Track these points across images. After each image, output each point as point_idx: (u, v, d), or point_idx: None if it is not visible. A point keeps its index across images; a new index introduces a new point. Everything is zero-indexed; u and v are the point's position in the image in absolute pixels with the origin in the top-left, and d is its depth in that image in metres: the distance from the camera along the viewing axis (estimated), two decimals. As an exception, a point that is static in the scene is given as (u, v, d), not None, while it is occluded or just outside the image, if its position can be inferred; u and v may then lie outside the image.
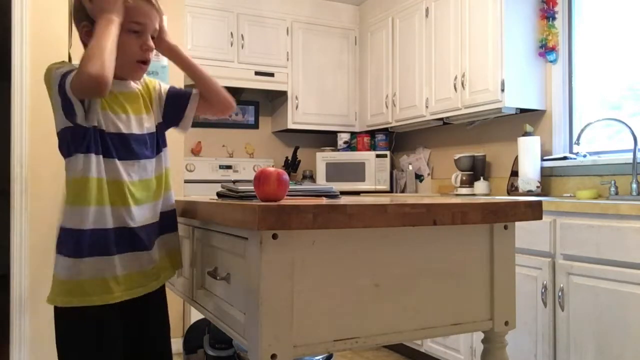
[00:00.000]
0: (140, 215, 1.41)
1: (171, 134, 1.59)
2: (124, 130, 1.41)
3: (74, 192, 1.36)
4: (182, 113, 1.56)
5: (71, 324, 1.39)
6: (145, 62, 1.44)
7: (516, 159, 3.30)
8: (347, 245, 1.18)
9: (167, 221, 1.51)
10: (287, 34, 4.32)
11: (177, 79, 3.50)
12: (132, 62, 1.42)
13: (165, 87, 1.58)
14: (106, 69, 1.28)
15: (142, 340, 1.53)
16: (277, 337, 1.10)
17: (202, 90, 1.55)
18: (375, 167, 4.28)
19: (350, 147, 4.54)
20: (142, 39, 1.42)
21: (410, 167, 4.39)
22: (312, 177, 4.58)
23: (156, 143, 1.51)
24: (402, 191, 4.37)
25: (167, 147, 1.54)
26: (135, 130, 1.44)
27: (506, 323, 1.37)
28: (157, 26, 1.46)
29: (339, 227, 1.12)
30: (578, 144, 2.81)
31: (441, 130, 4.11)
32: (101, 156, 1.36)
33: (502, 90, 3.14)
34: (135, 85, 1.49)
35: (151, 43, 1.43)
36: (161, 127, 1.54)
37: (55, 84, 1.35)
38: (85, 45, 1.42)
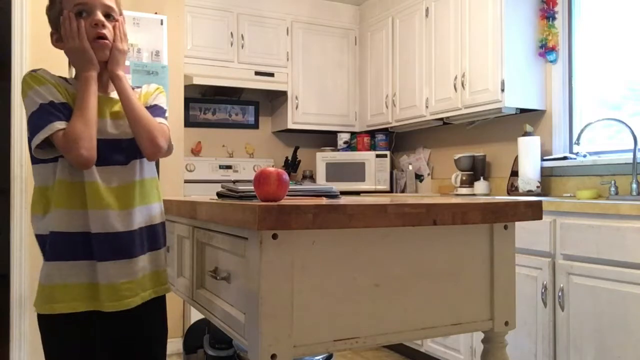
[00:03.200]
0: (108, 222, 1.38)
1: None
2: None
3: (42, 197, 1.38)
4: None
5: (49, 329, 1.40)
6: (100, 37, 1.41)
7: (516, 159, 3.30)
8: (347, 246, 1.18)
9: (148, 237, 1.48)
10: (287, 34, 4.32)
11: (177, 79, 3.50)
12: (91, 43, 1.40)
13: (156, 98, 1.55)
14: (94, 149, 1.33)
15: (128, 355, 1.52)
16: (277, 337, 1.10)
17: (132, 131, 1.45)
18: (375, 167, 4.28)
19: (350, 147, 4.54)
20: (90, 16, 1.40)
21: (410, 167, 4.39)
22: (312, 177, 4.58)
23: (134, 150, 1.46)
24: (402, 191, 4.37)
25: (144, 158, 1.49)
26: (110, 134, 1.43)
27: (506, 323, 1.37)
28: (107, 2, 1.43)
29: (339, 227, 1.12)
30: (578, 144, 2.81)
31: (441, 130, 4.11)
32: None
33: (502, 90, 3.14)
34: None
35: (100, 17, 1.41)
36: None
37: (27, 111, 1.35)
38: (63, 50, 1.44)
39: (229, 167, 4.34)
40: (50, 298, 1.36)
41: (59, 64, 3.00)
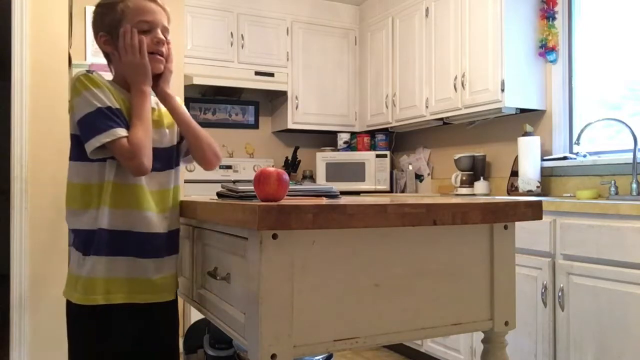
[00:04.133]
0: (150, 223, 1.46)
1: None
2: None
3: (84, 194, 1.43)
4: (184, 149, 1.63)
5: (77, 319, 1.46)
6: (157, 53, 1.50)
7: (516, 159, 3.30)
8: (347, 245, 1.18)
9: (174, 240, 1.55)
10: (287, 34, 4.32)
11: (177, 79, 3.50)
12: (148, 55, 1.48)
13: None
14: (151, 159, 1.41)
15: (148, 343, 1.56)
16: (277, 337, 1.10)
17: (189, 145, 1.58)
18: (375, 167, 4.27)
19: (350, 147, 4.54)
20: (152, 34, 1.48)
21: (410, 167, 4.39)
22: (312, 177, 4.58)
23: (172, 158, 1.56)
24: (402, 191, 4.37)
25: (179, 166, 1.59)
26: (154, 140, 1.48)
27: (506, 323, 1.37)
28: (165, 23, 1.52)
29: (339, 227, 1.12)
30: (578, 144, 2.81)
31: (441, 130, 4.11)
32: (115, 161, 1.42)
33: (502, 90, 3.14)
34: (154, 100, 1.55)
35: (161, 36, 1.50)
36: (177, 147, 1.60)
37: (79, 110, 1.39)
38: (104, 52, 1.53)
39: (229, 167, 4.34)
40: (91, 290, 1.41)
41: (59, 64, 3.01)
